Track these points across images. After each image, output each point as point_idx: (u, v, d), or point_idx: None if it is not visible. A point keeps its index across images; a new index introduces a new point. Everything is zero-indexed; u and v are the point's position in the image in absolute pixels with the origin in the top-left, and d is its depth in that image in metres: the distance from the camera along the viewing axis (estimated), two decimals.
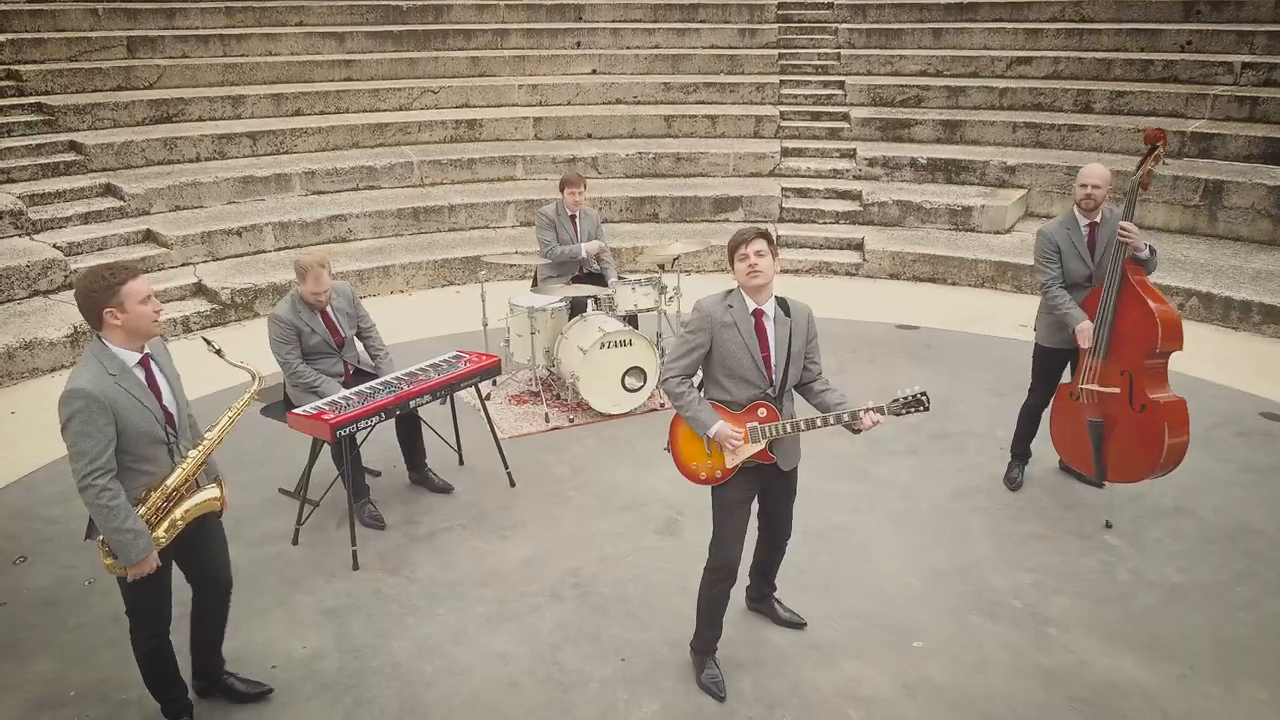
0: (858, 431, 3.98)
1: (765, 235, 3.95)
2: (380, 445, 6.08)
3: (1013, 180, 11.11)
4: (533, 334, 6.90)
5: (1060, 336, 5.44)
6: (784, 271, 10.26)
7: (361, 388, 5.39)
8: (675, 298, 7.23)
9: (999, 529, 5.42)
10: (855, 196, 11.17)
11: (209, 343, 4.02)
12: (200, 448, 3.80)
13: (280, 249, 10.04)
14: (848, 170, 11.67)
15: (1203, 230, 10.19)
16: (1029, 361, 7.55)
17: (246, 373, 4.05)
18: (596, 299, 7.11)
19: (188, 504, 3.77)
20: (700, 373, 4.11)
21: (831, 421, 3.92)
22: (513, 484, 5.95)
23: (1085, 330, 5.19)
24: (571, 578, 5.01)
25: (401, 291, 9.84)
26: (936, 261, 10.02)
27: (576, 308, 7.23)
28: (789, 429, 3.96)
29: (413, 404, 5.34)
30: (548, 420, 6.77)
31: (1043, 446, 5.91)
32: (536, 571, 5.07)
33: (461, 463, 6.24)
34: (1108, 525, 5.40)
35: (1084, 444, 5.32)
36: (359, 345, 5.82)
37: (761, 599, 4.65)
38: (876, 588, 4.91)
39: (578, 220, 7.45)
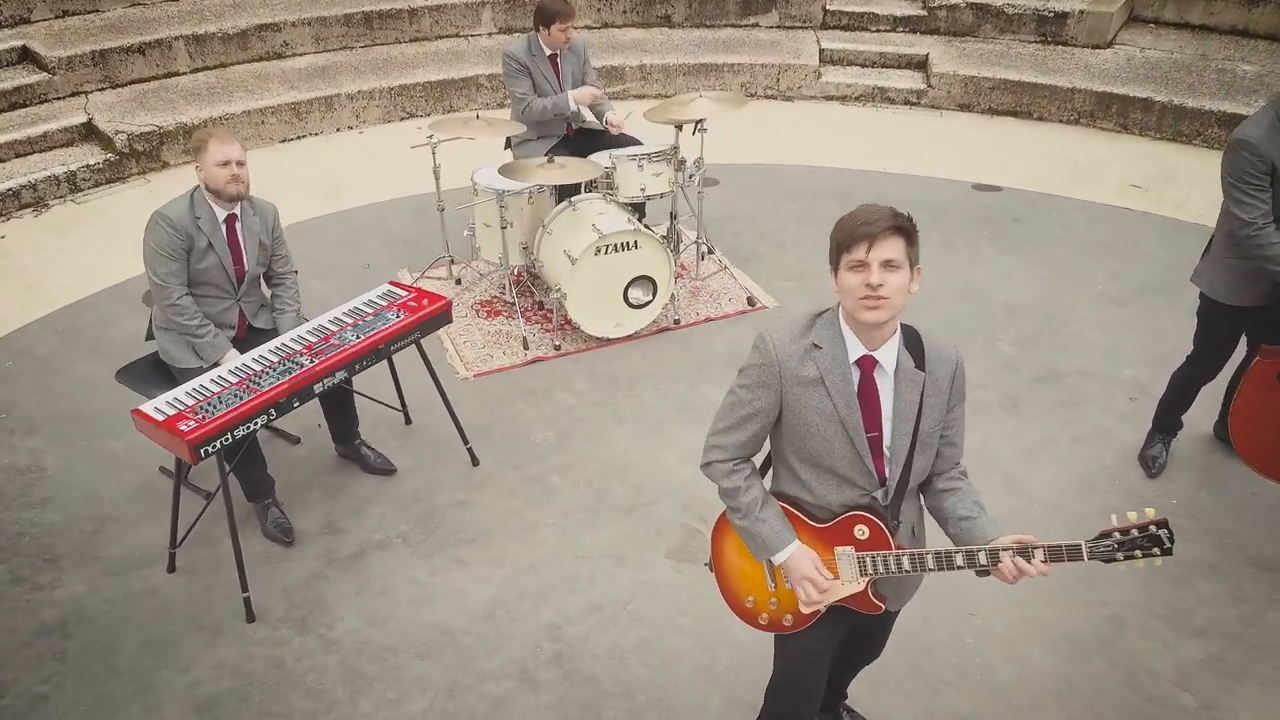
0: (984, 572, 2.34)
1: (904, 229, 2.18)
2: None
3: None
4: (504, 228, 5.13)
5: (1255, 291, 3.70)
6: (828, 99, 8.27)
7: (248, 360, 3.73)
8: (697, 173, 5.38)
9: None
10: None
11: None
12: None
13: (196, 70, 8.00)
14: None
15: None
16: (1149, 246, 5.85)
17: None
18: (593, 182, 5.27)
19: None
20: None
21: (983, 561, 2.28)
22: (475, 462, 4.40)
23: None
24: (551, 643, 3.56)
25: (350, 128, 7.89)
26: (1020, 90, 7.96)
27: (564, 188, 5.40)
28: (906, 566, 2.35)
29: (319, 389, 3.71)
30: (526, 348, 5.12)
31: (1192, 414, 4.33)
32: (501, 630, 3.61)
33: (409, 421, 4.66)
34: None
35: None
36: (265, 291, 4.14)
37: (826, 708, 3.21)
38: (984, 669, 3.45)
39: (559, 60, 5.47)
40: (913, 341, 2.31)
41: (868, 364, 2.27)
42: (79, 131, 7.16)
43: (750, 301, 5.48)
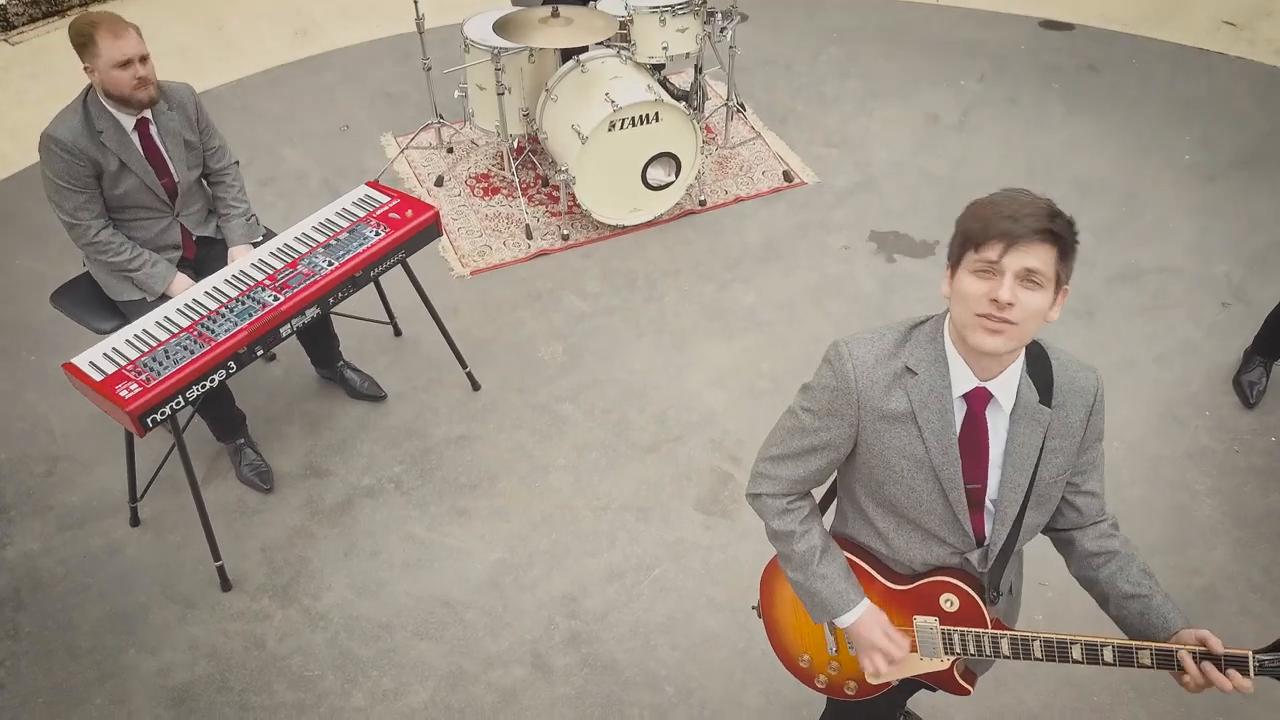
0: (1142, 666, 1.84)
1: (1060, 236, 1.56)
2: None
3: None
4: (500, 94, 4.37)
5: None
6: None
7: (199, 294, 3.13)
8: (730, 25, 4.55)
9: (1242, 510, 3.42)
10: None
11: None
12: None
13: None
14: None
15: None
16: (1244, 103, 5.20)
17: None
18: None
19: None
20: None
21: (1146, 661, 1.76)
22: (475, 387, 3.88)
23: None
24: (565, 618, 3.15)
25: None
26: None
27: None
28: (1005, 651, 1.86)
29: (286, 331, 3.13)
30: (530, 238, 4.48)
31: None
32: (510, 602, 3.20)
33: (398, 333, 4.10)
34: None
35: None
36: (208, 190, 3.48)
37: None
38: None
39: None
40: (1039, 366, 1.73)
41: (979, 398, 1.70)
42: None
43: (786, 176, 4.78)
